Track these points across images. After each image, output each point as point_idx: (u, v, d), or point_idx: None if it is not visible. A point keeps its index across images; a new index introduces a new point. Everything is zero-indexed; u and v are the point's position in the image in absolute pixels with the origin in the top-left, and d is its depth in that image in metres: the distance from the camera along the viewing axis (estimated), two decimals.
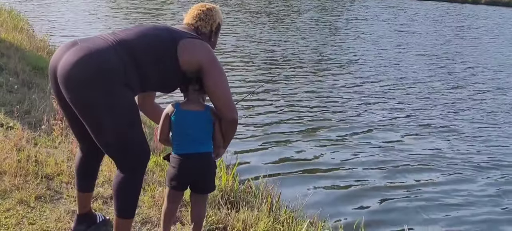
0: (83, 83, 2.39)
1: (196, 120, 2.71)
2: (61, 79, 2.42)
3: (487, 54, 15.90)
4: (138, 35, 2.57)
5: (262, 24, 18.28)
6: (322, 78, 10.74)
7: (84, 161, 2.85)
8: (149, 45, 2.55)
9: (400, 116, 8.33)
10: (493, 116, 8.83)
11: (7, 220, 3.03)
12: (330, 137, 6.99)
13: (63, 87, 2.43)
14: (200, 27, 2.78)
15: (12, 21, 10.30)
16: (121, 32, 2.61)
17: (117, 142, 2.52)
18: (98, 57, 2.40)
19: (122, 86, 2.45)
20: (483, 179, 6.05)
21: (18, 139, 4.09)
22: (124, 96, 2.47)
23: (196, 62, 2.60)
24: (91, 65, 2.38)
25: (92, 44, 2.46)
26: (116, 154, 2.58)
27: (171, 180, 2.77)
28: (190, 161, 2.72)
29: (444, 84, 11.01)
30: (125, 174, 2.58)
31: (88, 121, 2.48)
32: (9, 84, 5.82)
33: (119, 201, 2.63)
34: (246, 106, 7.98)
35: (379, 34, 18.05)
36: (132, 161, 2.57)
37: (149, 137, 4.86)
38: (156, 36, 2.60)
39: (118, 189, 2.61)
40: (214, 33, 2.85)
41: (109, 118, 2.44)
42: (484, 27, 23.36)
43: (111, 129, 2.47)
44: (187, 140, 2.71)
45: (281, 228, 3.44)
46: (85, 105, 2.44)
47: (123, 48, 2.48)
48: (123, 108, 2.47)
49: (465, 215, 5.11)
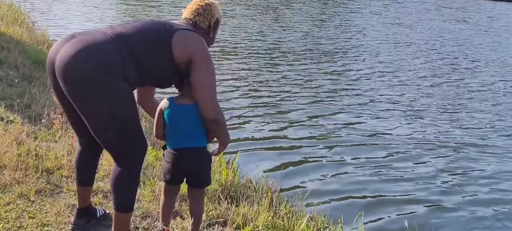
0: (82, 76, 2.38)
1: (189, 114, 2.70)
2: (59, 72, 2.42)
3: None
4: (135, 29, 2.57)
5: (263, 19, 18.25)
6: (323, 73, 10.72)
7: (83, 155, 2.85)
8: (146, 40, 2.54)
9: (403, 110, 8.33)
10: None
11: (7, 214, 3.04)
12: (330, 133, 6.99)
13: (61, 81, 2.43)
14: (198, 22, 2.76)
15: (13, 14, 10.29)
16: (119, 26, 2.61)
17: (114, 136, 2.52)
18: (97, 50, 2.39)
19: (120, 80, 2.44)
20: (489, 169, 6.10)
21: (18, 133, 4.10)
22: (122, 90, 2.46)
23: (187, 55, 2.58)
24: (89, 59, 2.38)
25: (90, 37, 2.45)
26: (114, 148, 2.58)
27: (166, 174, 2.79)
28: (183, 156, 2.72)
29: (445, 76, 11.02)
30: (123, 169, 2.59)
31: (86, 114, 2.48)
32: (9, 78, 5.82)
33: (118, 195, 2.64)
34: (247, 102, 7.98)
35: (377, 25, 18.04)
36: (129, 156, 2.57)
37: (149, 131, 4.87)
38: (154, 31, 2.59)
39: (116, 183, 2.61)
40: (213, 29, 2.83)
41: (107, 111, 2.44)
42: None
43: (109, 123, 2.47)
44: (180, 134, 2.71)
45: (281, 222, 3.44)
46: (83, 98, 2.44)
47: (121, 42, 2.48)
48: (121, 102, 2.47)
49: (465, 213, 5.11)
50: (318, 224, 3.70)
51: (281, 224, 3.41)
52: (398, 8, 23.42)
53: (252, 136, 6.54)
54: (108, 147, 2.60)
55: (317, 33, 15.86)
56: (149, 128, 4.96)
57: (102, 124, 2.49)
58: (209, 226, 3.24)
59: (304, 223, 3.49)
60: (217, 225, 3.27)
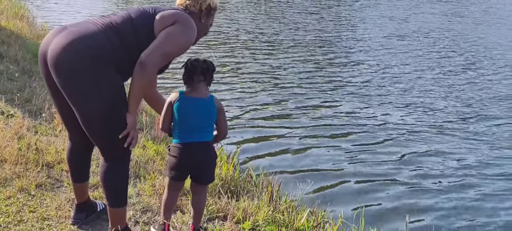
0: (73, 67, 2.38)
1: (199, 107, 2.71)
2: (51, 63, 2.41)
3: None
4: (125, 17, 2.55)
5: (264, 16, 18.21)
6: (324, 68, 10.69)
7: (75, 152, 2.84)
8: (134, 26, 2.52)
9: (404, 105, 8.31)
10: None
11: (8, 208, 3.05)
12: (331, 127, 6.98)
13: (54, 72, 2.42)
14: (188, 6, 2.71)
15: (13, 9, 10.27)
16: (110, 16, 2.59)
17: (103, 129, 2.51)
18: (88, 41, 2.39)
19: (111, 71, 2.44)
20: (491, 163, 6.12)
21: (19, 127, 4.10)
22: (113, 82, 2.46)
23: (165, 27, 2.52)
24: (81, 50, 2.37)
25: (82, 28, 2.45)
26: (102, 142, 2.58)
27: (171, 170, 2.77)
28: (191, 149, 2.71)
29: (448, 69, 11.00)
30: (110, 164, 2.59)
31: (76, 105, 2.47)
32: (9, 72, 5.82)
33: (108, 191, 2.64)
34: (247, 97, 7.97)
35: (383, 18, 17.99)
36: (117, 150, 2.56)
37: (150, 126, 4.87)
38: (141, 16, 2.56)
39: (105, 179, 2.61)
40: (205, 15, 2.75)
41: (97, 103, 2.44)
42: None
43: (99, 114, 2.46)
44: (188, 128, 2.71)
45: (281, 217, 3.44)
46: (75, 90, 2.43)
47: (112, 31, 2.47)
48: (111, 95, 2.46)
49: (466, 208, 5.11)
50: (318, 218, 3.69)
51: (281, 219, 3.41)
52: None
53: (252, 130, 6.54)
54: (96, 140, 2.58)
55: (317, 26, 15.82)
56: (150, 122, 4.96)
57: (92, 115, 2.48)
58: (210, 221, 3.24)
59: (304, 217, 3.49)
60: (218, 219, 3.28)
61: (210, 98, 2.74)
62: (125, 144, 2.54)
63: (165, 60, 2.55)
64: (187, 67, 2.75)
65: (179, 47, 2.56)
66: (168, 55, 2.54)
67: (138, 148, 4.18)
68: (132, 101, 2.51)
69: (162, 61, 2.51)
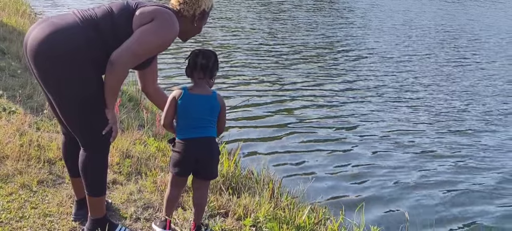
0: (49, 58, 2.39)
1: (203, 104, 2.72)
2: (29, 55, 2.44)
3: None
4: (106, 13, 2.54)
5: (268, 14, 18.19)
6: (324, 65, 10.69)
7: (68, 146, 2.85)
8: (114, 25, 2.51)
9: (404, 102, 8.31)
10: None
11: (10, 204, 3.05)
12: (332, 124, 6.98)
13: (32, 63, 2.45)
14: (182, 10, 2.67)
15: (14, 5, 10.27)
16: (94, 9, 2.58)
17: (79, 118, 2.52)
18: (64, 33, 2.40)
19: (88, 63, 2.45)
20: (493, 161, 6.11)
21: (21, 124, 4.11)
22: (88, 74, 2.46)
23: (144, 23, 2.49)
24: (57, 42, 2.39)
25: (61, 20, 2.46)
26: (78, 132, 2.59)
27: (175, 166, 2.77)
28: (194, 145, 2.72)
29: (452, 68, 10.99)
30: (88, 153, 2.60)
31: (54, 97, 2.50)
32: (11, 69, 5.83)
33: (86, 179, 2.66)
34: (249, 94, 7.97)
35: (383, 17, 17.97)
36: (93, 139, 2.58)
37: (151, 122, 4.88)
38: (121, 10, 2.55)
39: (83, 168, 2.63)
40: (198, 19, 2.72)
41: (73, 94, 2.45)
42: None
43: (74, 106, 2.48)
44: (191, 124, 2.72)
45: (282, 214, 3.45)
46: (51, 81, 2.45)
47: (91, 27, 2.47)
48: (85, 87, 2.46)
49: (466, 204, 5.12)
50: (319, 215, 3.70)
51: (283, 215, 3.41)
52: None
53: (253, 127, 6.54)
54: (73, 129, 2.59)
55: (321, 26, 15.81)
56: (151, 119, 4.97)
57: (68, 107, 2.50)
58: (211, 217, 3.25)
59: (305, 214, 3.49)
60: (219, 216, 3.28)
61: (213, 95, 2.75)
62: (111, 139, 2.59)
63: (138, 60, 2.53)
64: (189, 62, 2.75)
65: (156, 46, 2.54)
66: (140, 56, 2.52)
67: (140, 145, 4.19)
68: (107, 97, 2.51)
69: (133, 62, 2.51)
